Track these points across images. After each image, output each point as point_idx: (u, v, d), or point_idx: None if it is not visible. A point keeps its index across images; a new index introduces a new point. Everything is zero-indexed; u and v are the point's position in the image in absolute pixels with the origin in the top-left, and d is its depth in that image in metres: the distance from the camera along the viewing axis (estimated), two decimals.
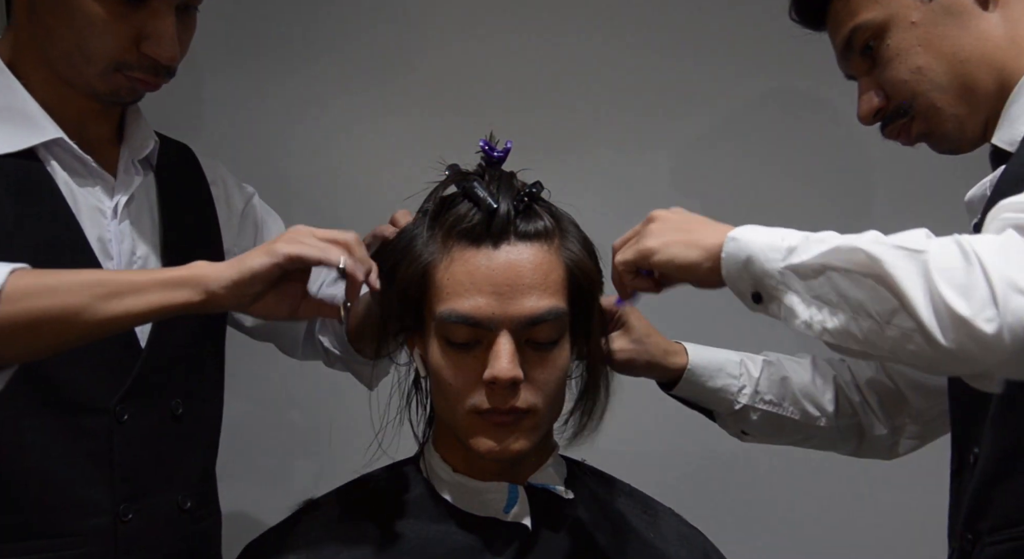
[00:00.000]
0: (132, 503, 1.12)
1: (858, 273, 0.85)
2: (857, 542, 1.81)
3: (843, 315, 0.87)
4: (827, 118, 1.84)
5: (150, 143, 1.22)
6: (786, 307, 0.91)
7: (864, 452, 1.30)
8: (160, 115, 1.31)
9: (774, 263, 0.91)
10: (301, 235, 1.00)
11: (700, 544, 1.15)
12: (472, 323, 1.01)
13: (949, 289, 0.79)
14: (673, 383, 1.24)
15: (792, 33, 1.18)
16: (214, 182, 1.33)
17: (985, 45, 1.04)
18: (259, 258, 0.97)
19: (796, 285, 0.90)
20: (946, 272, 0.80)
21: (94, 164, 1.15)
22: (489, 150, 1.08)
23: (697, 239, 0.99)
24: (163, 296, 0.97)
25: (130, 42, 1.10)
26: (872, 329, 0.85)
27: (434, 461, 1.11)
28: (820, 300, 0.88)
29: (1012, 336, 0.77)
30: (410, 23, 1.87)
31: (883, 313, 0.84)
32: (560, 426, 1.14)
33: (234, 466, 1.89)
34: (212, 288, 0.97)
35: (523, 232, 1.03)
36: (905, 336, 0.82)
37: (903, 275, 0.82)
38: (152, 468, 1.15)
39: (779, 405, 1.25)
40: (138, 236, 1.18)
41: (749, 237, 0.94)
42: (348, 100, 1.87)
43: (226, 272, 0.97)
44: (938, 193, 1.69)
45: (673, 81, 1.85)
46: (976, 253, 0.80)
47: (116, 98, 1.15)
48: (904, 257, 0.83)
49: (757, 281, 0.93)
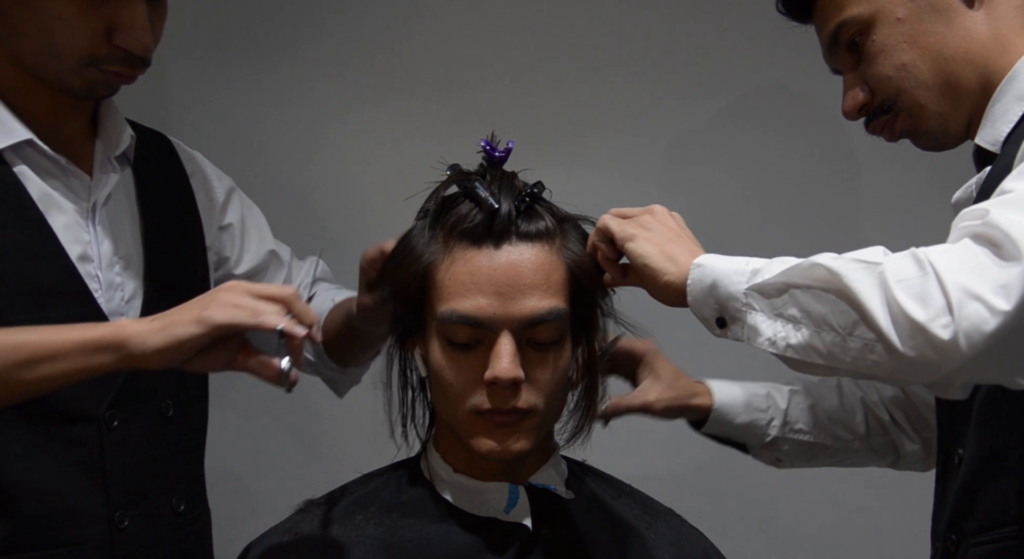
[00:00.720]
0: (127, 510, 1.11)
1: (819, 288, 0.87)
2: (857, 543, 1.81)
3: (806, 330, 0.89)
4: (824, 109, 1.84)
5: (126, 138, 1.18)
6: (749, 327, 0.93)
7: (903, 466, 1.30)
8: (139, 108, 1.29)
9: (738, 285, 0.94)
10: (235, 295, 0.95)
11: (700, 544, 1.15)
12: (473, 323, 1.01)
13: (906, 297, 0.81)
14: (702, 422, 1.26)
15: (784, 27, 1.18)
16: (193, 174, 1.30)
17: (970, 43, 1.04)
18: (187, 326, 0.93)
19: (760, 304, 0.92)
20: (902, 282, 0.82)
21: (67, 163, 1.11)
22: (491, 150, 1.08)
23: (675, 253, 1.01)
24: (83, 361, 0.93)
25: (101, 35, 1.06)
26: (835, 342, 0.86)
27: (435, 461, 1.11)
28: (783, 318, 0.91)
29: (968, 341, 0.79)
30: (399, 10, 1.86)
31: (844, 325, 0.85)
32: (560, 426, 1.14)
33: (233, 466, 1.89)
34: (136, 354, 0.93)
35: (524, 232, 1.03)
36: (867, 347, 0.84)
37: (861, 287, 0.84)
38: (145, 473, 1.14)
39: (810, 433, 1.26)
40: (118, 236, 1.16)
41: (713, 263, 0.97)
42: (331, 91, 1.86)
43: (152, 339, 0.93)
44: (929, 190, 1.70)
45: (674, 77, 1.85)
46: (931, 262, 0.82)
47: (90, 93, 1.11)
48: (861, 270, 0.85)
49: (721, 305, 0.95)
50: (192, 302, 0.96)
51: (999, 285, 0.78)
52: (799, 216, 1.82)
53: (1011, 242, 0.79)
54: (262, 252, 1.38)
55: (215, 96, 1.86)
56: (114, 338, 0.93)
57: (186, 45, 1.84)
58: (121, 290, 1.15)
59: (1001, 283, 0.78)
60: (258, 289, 0.96)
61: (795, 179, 1.84)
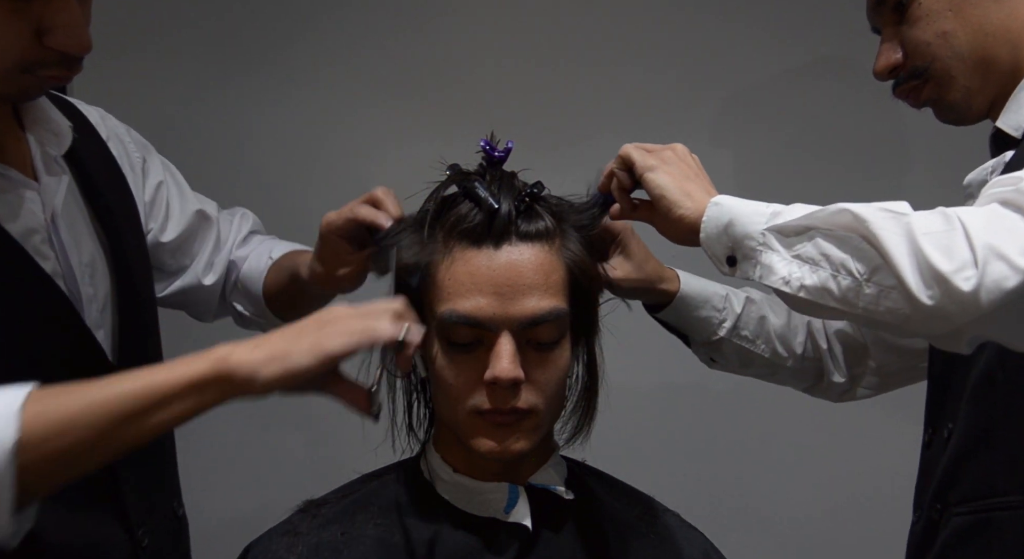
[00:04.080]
0: (146, 526, 1.09)
1: (843, 233, 0.90)
2: (858, 542, 1.81)
3: (823, 272, 0.91)
4: (828, 103, 1.85)
5: (66, 131, 1.07)
6: (763, 266, 0.95)
7: (817, 393, 1.35)
8: (131, 107, 1.28)
9: (756, 225, 0.96)
10: (348, 318, 0.88)
11: (700, 544, 1.15)
12: (473, 323, 1.01)
13: (932, 248, 0.84)
14: (660, 307, 1.27)
15: (783, 25, 1.19)
16: (109, 138, 1.19)
17: (1012, 23, 1.06)
18: (303, 357, 0.85)
19: (777, 244, 0.94)
20: (929, 234, 0.85)
21: (16, 174, 1.01)
22: (490, 150, 1.08)
23: (692, 190, 1.02)
24: (192, 401, 0.85)
25: (31, 38, 0.94)
26: (850, 287, 0.89)
27: (434, 461, 1.11)
28: (800, 259, 0.93)
29: (988, 296, 0.82)
30: (398, 10, 1.86)
31: (864, 271, 0.88)
32: (560, 426, 1.14)
33: (233, 467, 1.89)
34: (245, 388, 0.85)
35: (524, 232, 1.03)
36: (883, 293, 0.87)
37: (888, 235, 0.86)
38: (152, 485, 1.12)
39: (753, 342, 1.28)
40: (80, 243, 1.07)
41: (731, 203, 0.99)
42: (330, 91, 1.86)
43: (263, 371, 0.85)
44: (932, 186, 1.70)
45: (675, 77, 1.85)
46: (960, 219, 0.85)
47: (24, 98, 1.02)
48: (890, 218, 0.87)
49: (736, 243, 0.97)
50: (295, 327, 0.88)
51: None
52: None
53: None
54: (188, 214, 1.31)
55: (213, 96, 1.86)
56: (220, 373, 0.85)
57: (183, 44, 1.84)
58: (95, 301, 1.08)
59: None
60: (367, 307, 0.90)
61: (799, 177, 1.84)
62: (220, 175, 1.52)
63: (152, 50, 1.83)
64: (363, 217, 1.10)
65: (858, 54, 1.65)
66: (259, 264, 1.33)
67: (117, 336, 1.10)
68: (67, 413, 0.83)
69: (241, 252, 1.36)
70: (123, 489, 1.06)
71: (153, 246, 1.27)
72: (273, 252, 1.34)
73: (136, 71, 1.82)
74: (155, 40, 1.83)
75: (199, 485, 1.71)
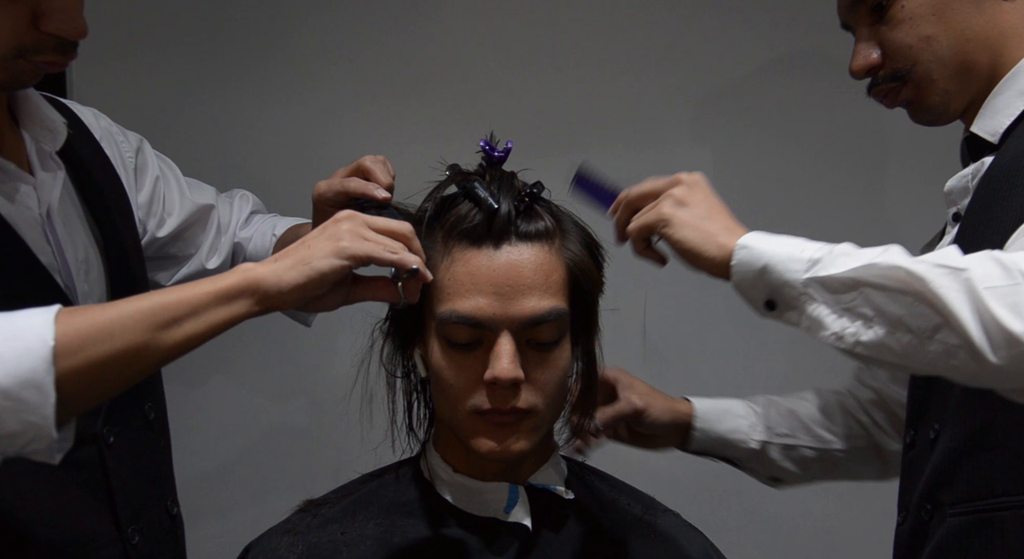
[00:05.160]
0: (136, 524, 1.09)
1: (896, 290, 0.85)
2: (858, 542, 1.81)
3: (879, 329, 0.87)
4: (824, 107, 1.85)
5: (61, 127, 1.08)
6: (811, 318, 0.90)
7: (890, 472, 1.29)
8: (129, 104, 1.28)
9: (796, 274, 0.91)
10: (359, 227, 0.92)
11: (700, 544, 1.15)
12: (473, 323, 1.01)
13: (999, 306, 0.80)
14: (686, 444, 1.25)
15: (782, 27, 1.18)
16: (102, 139, 1.20)
17: (991, 30, 1.06)
18: (326, 260, 0.89)
19: (822, 297, 0.89)
20: (993, 290, 0.81)
21: (15, 168, 1.02)
22: (490, 150, 1.08)
23: (714, 233, 0.97)
24: (224, 311, 0.88)
25: (26, 23, 0.94)
26: (911, 344, 0.85)
27: (434, 461, 1.11)
28: (852, 313, 0.88)
29: None
30: (398, 9, 1.86)
31: (924, 329, 0.84)
32: (560, 426, 1.14)
33: (233, 467, 1.89)
34: (272, 294, 0.89)
35: (524, 232, 1.03)
36: (948, 352, 0.83)
37: (948, 293, 0.82)
38: (144, 483, 1.13)
39: (793, 437, 1.26)
40: (75, 239, 1.08)
41: (763, 246, 0.93)
42: (330, 91, 1.86)
43: (287, 276, 0.89)
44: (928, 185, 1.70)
45: (675, 78, 1.85)
46: (1021, 270, 0.81)
47: (17, 85, 1.01)
48: (947, 275, 0.83)
49: (774, 290, 0.92)
50: (313, 236, 0.92)
51: None
52: (803, 218, 1.82)
53: None
54: (187, 206, 1.32)
55: (211, 94, 1.85)
56: (248, 283, 0.88)
57: (182, 43, 1.84)
58: (91, 297, 1.08)
59: None
60: (379, 223, 0.93)
61: (799, 181, 1.84)
62: (218, 173, 1.51)
63: (150, 47, 1.83)
64: (353, 190, 1.09)
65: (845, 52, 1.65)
66: (264, 242, 1.35)
67: None
68: (101, 322, 0.85)
69: (245, 233, 1.38)
70: (113, 486, 1.06)
71: (155, 240, 1.28)
72: (276, 229, 1.35)
73: (134, 68, 1.82)
74: (152, 37, 1.83)
75: (199, 485, 1.71)
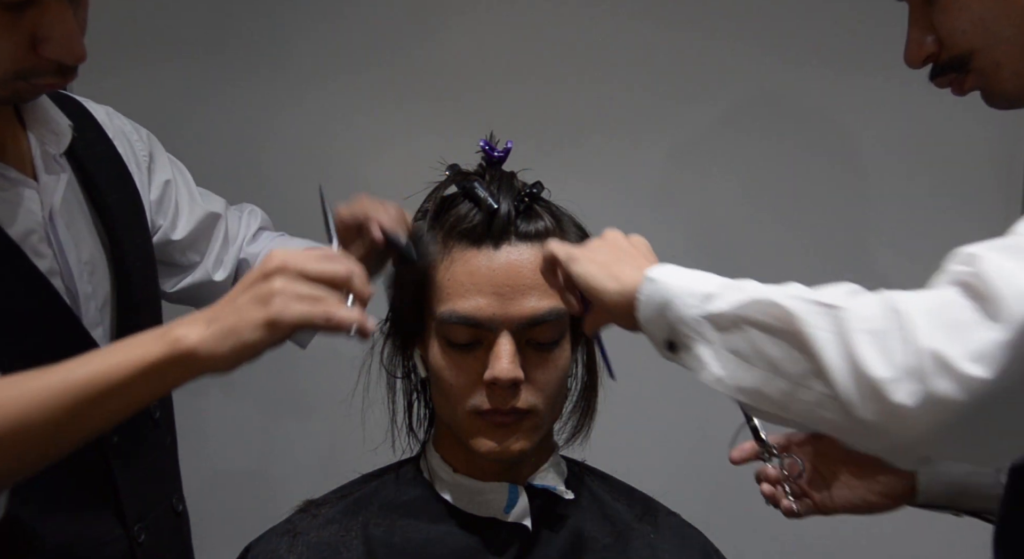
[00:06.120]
0: (142, 523, 1.09)
1: (776, 329, 0.77)
2: (858, 541, 1.81)
3: (758, 373, 0.78)
4: (824, 115, 1.85)
5: (65, 130, 1.08)
6: (696, 358, 0.82)
7: None
8: (136, 106, 1.28)
9: (691, 309, 0.82)
10: (294, 283, 0.84)
11: (700, 544, 1.15)
12: (473, 324, 1.01)
13: (868, 350, 0.70)
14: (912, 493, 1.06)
15: (784, 32, 1.18)
16: (115, 136, 1.19)
17: None
18: (255, 331, 0.83)
19: (711, 335, 0.81)
20: (866, 333, 0.71)
21: (16, 174, 1.02)
22: (489, 150, 1.08)
23: (618, 271, 0.89)
24: (154, 386, 0.84)
25: (26, 48, 0.93)
26: (786, 391, 0.76)
27: (434, 461, 1.11)
28: (736, 355, 0.80)
29: (932, 412, 0.68)
30: (401, 13, 1.86)
31: (797, 375, 0.75)
32: (560, 426, 1.14)
33: (233, 467, 1.89)
34: (208, 366, 0.84)
35: (524, 232, 1.03)
36: (820, 402, 0.74)
37: (817, 333, 0.73)
38: (149, 481, 1.13)
39: None
40: (79, 241, 1.07)
41: (668, 279, 0.84)
42: (332, 93, 1.87)
43: (220, 347, 0.83)
44: (932, 193, 1.70)
45: (675, 81, 1.85)
46: (902, 312, 0.71)
47: (16, 101, 1.02)
48: (821, 314, 0.74)
49: (671, 328, 0.83)
50: (243, 293, 0.85)
51: (976, 350, 0.66)
52: (798, 222, 1.83)
53: (998, 300, 0.67)
54: (197, 212, 1.31)
55: (216, 98, 1.86)
56: (179, 354, 0.83)
57: (187, 46, 1.85)
58: (94, 299, 1.08)
59: (979, 348, 0.66)
60: (315, 271, 0.85)
61: (795, 185, 1.85)
62: (221, 174, 1.52)
63: (157, 50, 1.84)
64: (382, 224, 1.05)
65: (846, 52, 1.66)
66: None
67: (116, 334, 1.10)
68: (18, 410, 0.82)
69: (251, 249, 1.37)
70: (119, 484, 1.06)
71: (163, 244, 1.28)
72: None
73: (141, 71, 1.83)
74: (160, 40, 1.84)
75: (198, 485, 1.71)
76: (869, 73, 1.80)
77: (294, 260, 0.85)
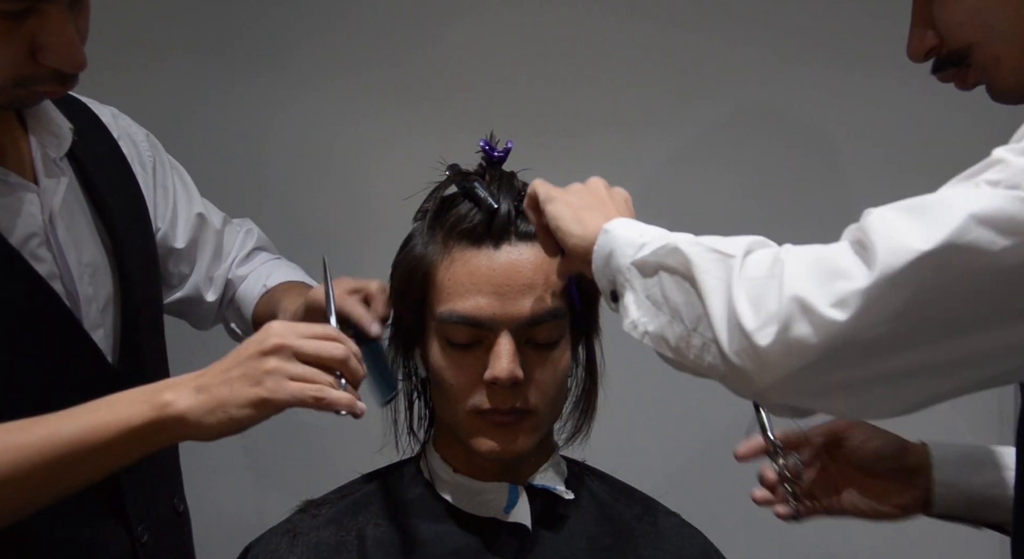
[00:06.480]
0: (144, 523, 1.10)
1: (680, 274, 0.80)
2: (858, 541, 1.81)
3: (663, 318, 0.82)
4: (821, 118, 1.85)
5: (66, 133, 1.07)
6: (623, 306, 0.85)
7: None
8: (135, 108, 1.28)
9: (626, 258, 0.85)
10: (287, 363, 0.86)
11: (700, 544, 1.15)
12: (473, 323, 1.01)
13: (744, 299, 0.74)
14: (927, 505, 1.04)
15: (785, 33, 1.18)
16: (120, 138, 1.20)
17: None
18: (244, 409, 0.85)
19: (637, 283, 0.85)
20: (747, 281, 0.74)
21: (16, 179, 1.01)
22: (489, 150, 1.08)
23: (586, 216, 0.91)
24: (137, 448, 0.86)
25: (25, 56, 0.93)
26: (682, 336, 0.80)
27: (434, 461, 1.11)
28: (651, 300, 0.83)
29: (785, 357, 0.71)
30: (402, 13, 1.86)
31: (691, 319, 0.79)
32: (560, 426, 1.14)
33: (234, 466, 1.89)
34: (192, 434, 0.87)
35: (524, 232, 1.03)
36: (705, 346, 0.77)
37: (708, 280, 0.77)
38: (152, 482, 1.13)
39: None
40: (80, 243, 1.07)
41: (619, 230, 0.87)
42: (332, 94, 1.87)
43: (207, 419, 0.85)
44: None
45: (674, 81, 1.85)
46: (786, 263, 0.73)
47: (17, 107, 1.02)
48: (715, 261, 0.77)
49: (612, 277, 0.87)
50: (237, 366, 0.86)
51: (840, 297, 0.69)
52: (799, 222, 1.82)
53: (874, 250, 0.69)
54: (191, 218, 1.31)
55: (216, 98, 1.86)
56: (166, 419, 0.85)
57: (187, 46, 1.85)
58: (95, 301, 1.08)
59: (842, 295, 0.69)
60: (311, 352, 0.87)
61: (795, 185, 1.85)
62: (221, 174, 1.52)
63: (157, 50, 1.84)
64: (350, 314, 1.07)
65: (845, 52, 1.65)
66: (253, 290, 1.32)
67: (118, 336, 1.10)
68: (1, 463, 0.83)
69: (241, 271, 1.36)
70: (121, 485, 1.06)
71: (163, 250, 1.27)
72: (269, 280, 1.32)
73: (141, 71, 1.83)
74: (160, 40, 1.84)
75: (198, 484, 1.71)
76: (869, 73, 1.80)
77: (291, 339, 0.87)
